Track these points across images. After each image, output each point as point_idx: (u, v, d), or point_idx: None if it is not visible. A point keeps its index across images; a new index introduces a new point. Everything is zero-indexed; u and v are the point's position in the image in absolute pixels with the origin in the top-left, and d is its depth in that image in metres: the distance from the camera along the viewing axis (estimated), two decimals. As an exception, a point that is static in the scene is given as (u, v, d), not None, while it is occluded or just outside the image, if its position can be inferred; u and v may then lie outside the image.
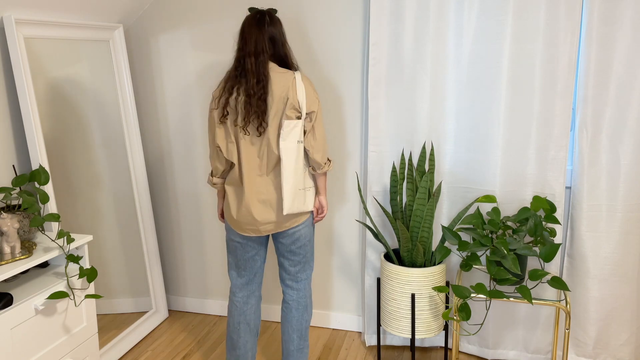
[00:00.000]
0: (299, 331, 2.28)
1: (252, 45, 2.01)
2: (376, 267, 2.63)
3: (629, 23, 2.12)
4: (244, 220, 2.09)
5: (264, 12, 2.08)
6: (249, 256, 2.21)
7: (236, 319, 2.25)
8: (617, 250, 2.29)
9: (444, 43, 2.35)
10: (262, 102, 1.99)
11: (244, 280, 2.25)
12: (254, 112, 1.99)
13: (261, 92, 1.99)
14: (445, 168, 2.46)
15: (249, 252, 2.20)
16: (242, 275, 2.25)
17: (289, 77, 2.03)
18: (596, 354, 2.42)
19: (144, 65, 2.89)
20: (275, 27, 2.06)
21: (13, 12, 2.12)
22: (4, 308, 1.80)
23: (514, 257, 2.05)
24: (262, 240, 2.21)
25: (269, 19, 2.05)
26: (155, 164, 3.00)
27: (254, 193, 2.07)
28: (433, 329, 2.35)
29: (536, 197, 2.25)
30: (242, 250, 2.20)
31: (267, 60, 2.02)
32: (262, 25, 2.03)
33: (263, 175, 2.07)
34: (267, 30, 2.03)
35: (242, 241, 2.18)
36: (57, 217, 2.01)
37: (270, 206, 2.07)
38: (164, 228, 3.08)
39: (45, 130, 2.24)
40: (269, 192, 2.07)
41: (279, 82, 2.01)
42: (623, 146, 2.22)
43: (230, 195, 2.13)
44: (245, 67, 2.00)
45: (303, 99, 2.02)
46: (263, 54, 2.01)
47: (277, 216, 2.08)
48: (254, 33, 2.02)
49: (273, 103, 2.00)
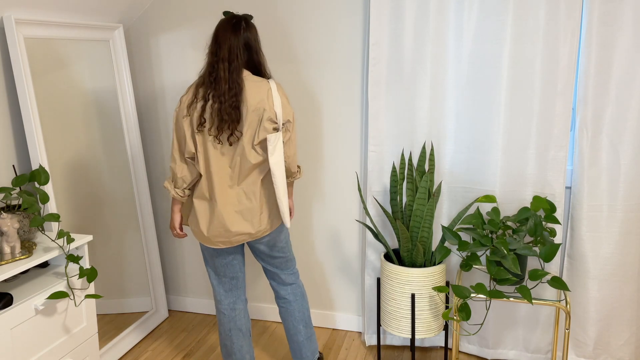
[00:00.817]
0: (303, 321, 2.29)
1: (226, 50, 1.95)
2: (376, 267, 2.63)
3: (629, 23, 2.12)
4: (215, 233, 2.04)
5: (240, 17, 2.02)
6: (226, 262, 2.19)
7: (226, 326, 2.24)
8: (617, 250, 2.29)
9: (444, 43, 2.35)
10: (235, 111, 1.93)
11: (226, 287, 2.24)
12: (226, 121, 1.93)
13: (233, 99, 1.93)
14: (445, 168, 2.46)
15: (226, 259, 2.18)
16: (223, 282, 2.23)
17: (265, 87, 1.99)
18: (596, 355, 2.42)
19: (144, 65, 2.89)
20: (250, 33, 2.00)
21: (13, 12, 2.12)
22: (4, 308, 1.80)
23: (514, 257, 2.05)
24: (237, 246, 2.18)
25: (245, 24, 1.99)
26: (155, 164, 3.00)
27: (229, 205, 2.01)
28: (433, 329, 2.35)
29: (536, 197, 2.25)
30: (218, 258, 2.18)
31: (240, 67, 1.97)
32: (238, 30, 1.97)
33: (234, 186, 2.02)
34: (242, 36, 1.97)
35: (217, 249, 2.15)
36: (57, 217, 2.01)
37: (246, 217, 2.03)
38: (163, 228, 3.08)
39: (45, 130, 2.24)
40: (242, 203, 2.02)
41: (254, 92, 1.96)
42: (623, 146, 2.22)
43: (200, 211, 2.05)
44: (218, 73, 1.94)
45: (280, 110, 1.99)
46: (237, 60, 1.95)
47: (252, 227, 2.04)
48: (228, 38, 1.96)
49: (247, 113, 1.95)
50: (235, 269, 2.22)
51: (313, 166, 2.74)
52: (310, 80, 2.64)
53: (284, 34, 2.63)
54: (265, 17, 2.63)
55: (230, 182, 2.02)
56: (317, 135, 2.69)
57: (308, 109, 2.67)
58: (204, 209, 2.05)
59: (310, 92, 2.65)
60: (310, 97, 2.66)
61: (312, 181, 2.76)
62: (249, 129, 1.97)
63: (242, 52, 1.97)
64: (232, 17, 2.02)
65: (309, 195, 2.79)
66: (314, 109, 2.67)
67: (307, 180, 2.77)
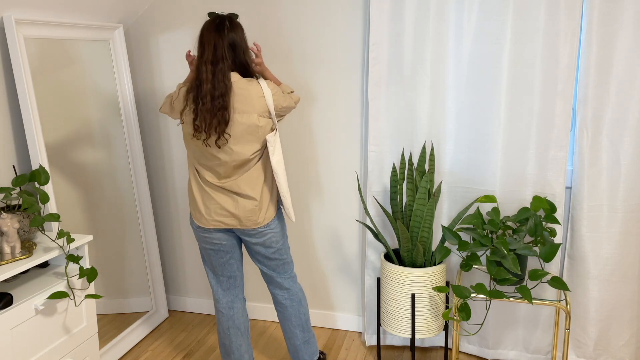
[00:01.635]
0: (300, 326, 2.29)
1: (211, 52, 1.92)
2: (376, 267, 2.63)
3: (629, 23, 2.12)
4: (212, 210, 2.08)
5: (224, 16, 1.99)
6: (223, 261, 2.20)
7: (225, 325, 2.25)
8: (618, 251, 2.29)
9: (444, 43, 2.34)
10: (223, 113, 1.91)
11: (224, 286, 2.25)
12: (214, 124, 1.92)
13: (219, 101, 1.90)
14: (445, 168, 2.46)
15: (223, 257, 2.20)
16: (221, 281, 2.25)
17: (255, 87, 1.99)
18: (597, 355, 2.42)
19: (144, 65, 2.89)
20: (235, 32, 1.96)
21: (13, 12, 2.12)
22: (4, 308, 1.80)
23: (514, 257, 2.05)
24: (234, 243, 2.20)
25: (229, 23, 1.96)
26: (155, 164, 3.00)
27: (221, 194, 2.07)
28: (433, 329, 2.35)
29: (536, 197, 2.25)
30: (216, 257, 2.20)
31: (227, 68, 1.93)
32: (222, 30, 1.93)
33: (227, 179, 2.05)
34: (226, 36, 1.93)
35: (214, 247, 2.17)
36: (57, 217, 2.01)
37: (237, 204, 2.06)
38: (164, 228, 3.08)
39: (45, 130, 2.24)
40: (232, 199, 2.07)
41: (245, 93, 1.96)
42: (623, 146, 2.22)
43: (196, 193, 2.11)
44: (204, 75, 1.91)
45: (271, 102, 2.01)
46: (223, 61, 1.92)
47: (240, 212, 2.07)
48: (212, 39, 1.93)
49: (241, 115, 1.96)
50: (232, 268, 2.23)
51: (313, 166, 2.74)
52: (310, 81, 2.64)
53: (283, 34, 2.63)
54: (265, 17, 2.63)
55: (223, 177, 2.05)
56: (317, 136, 2.69)
57: (308, 109, 2.67)
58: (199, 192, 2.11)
59: (310, 92, 2.65)
60: (310, 97, 2.66)
61: (312, 181, 2.76)
62: (244, 132, 1.98)
63: (227, 53, 1.94)
64: (215, 17, 1.99)
65: (309, 195, 2.79)
66: (314, 109, 2.67)
67: (307, 180, 2.76)
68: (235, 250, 2.21)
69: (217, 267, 2.22)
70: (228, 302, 2.25)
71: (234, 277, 2.24)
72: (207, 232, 2.13)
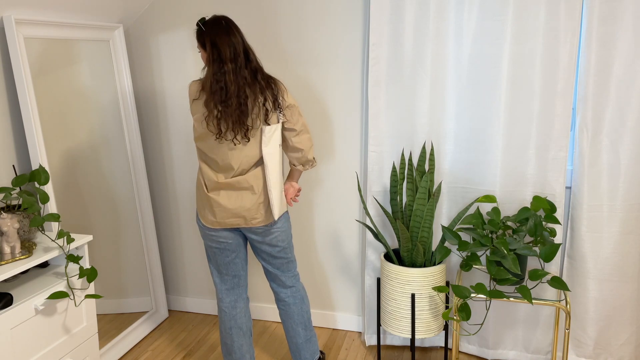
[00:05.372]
0: (302, 324, 2.30)
1: (230, 52, 1.92)
2: (376, 267, 2.63)
3: (629, 23, 2.12)
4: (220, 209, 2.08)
5: (225, 18, 1.99)
6: (228, 260, 2.21)
7: (227, 324, 2.26)
8: (617, 251, 2.29)
9: (444, 43, 2.34)
10: (244, 114, 1.95)
11: (228, 285, 2.25)
12: (238, 125, 1.95)
13: (243, 106, 1.94)
14: (445, 168, 2.46)
15: (229, 256, 2.20)
16: (225, 280, 2.25)
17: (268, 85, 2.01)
18: (596, 354, 2.42)
19: (144, 65, 2.89)
20: (240, 33, 1.99)
21: (13, 12, 2.12)
22: (4, 308, 1.80)
23: (514, 257, 2.05)
24: (240, 242, 2.20)
25: (233, 25, 1.97)
26: (155, 164, 3.00)
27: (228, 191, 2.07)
28: (433, 329, 2.35)
29: (536, 197, 2.24)
30: (221, 255, 2.20)
31: (244, 68, 1.95)
32: (232, 30, 1.95)
33: (238, 175, 2.06)
34: (237, 36, 1.95)
35: (220, 246, 2.17)
36: (57, 217, 2.01)
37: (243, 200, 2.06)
38: (164, 228, 3.08)
39: (45, 130, 2.24)
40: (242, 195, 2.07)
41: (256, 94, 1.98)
42: (623, 146, 2.22)
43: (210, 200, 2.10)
44: (226, 77, 1.91)
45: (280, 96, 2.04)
46: (240, 60, 1.93)
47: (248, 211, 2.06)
48: (225, 40, 1.92)
49: (256, 114, 1.99)
50: (237, 267, 2.23)
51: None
52: (310, 81, 2.64)
53: (283, 34, 2.63)
54: (265, 17, 2.63)
55: (232, 173, 2.05)
56: (317, 136, 2.69)
57: (308, 109, 2.67)
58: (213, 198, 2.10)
59: (310, 92, 2.65)
60: (310, 98, 2.66)
61: (313, 181, 2.76)
62: (257, 130, 2.00)
63: (243, 53, 1.96)
64: (217, 19, 1.98)
65: (310, 195, 2.79)
66: (314, 109, 2.67)
67: (308, 181, 2.76)
68: (241, 249, 2.22)
69: (222, 266, 2.22)
70: (231, 302, 2.25)
71: (238, 276, 2.25)
72: (214, 230, 2.14)
